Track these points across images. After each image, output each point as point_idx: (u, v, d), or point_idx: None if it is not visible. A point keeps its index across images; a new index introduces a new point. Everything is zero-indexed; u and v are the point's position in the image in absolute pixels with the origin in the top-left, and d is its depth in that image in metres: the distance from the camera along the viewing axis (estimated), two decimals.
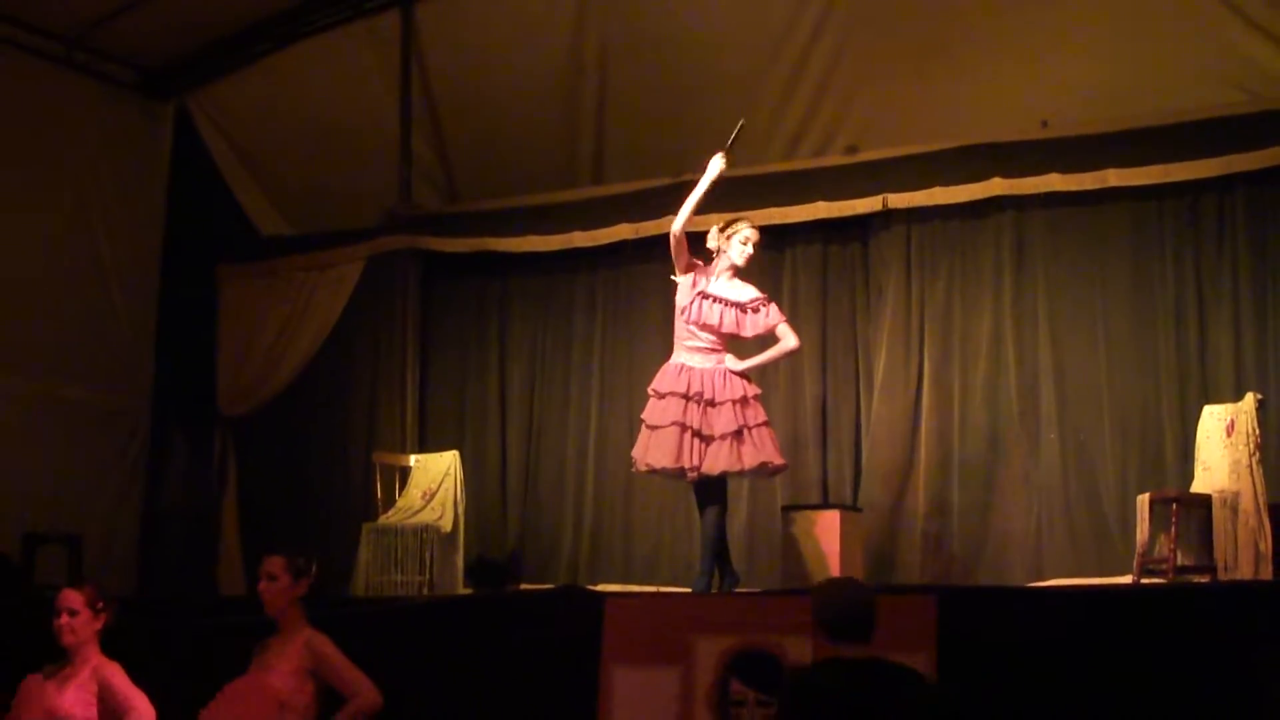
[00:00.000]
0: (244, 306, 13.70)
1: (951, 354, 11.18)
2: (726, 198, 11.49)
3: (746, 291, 9.64)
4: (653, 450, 9.45)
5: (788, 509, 10.47)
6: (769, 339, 9.65)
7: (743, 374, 9.50)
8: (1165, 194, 10.60)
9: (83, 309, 13.17)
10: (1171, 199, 10.62)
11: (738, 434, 9.34)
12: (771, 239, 11.77)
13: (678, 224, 9.54)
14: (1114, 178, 10.62)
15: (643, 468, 9.60)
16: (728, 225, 9.72)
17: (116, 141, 13.56)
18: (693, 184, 9.66)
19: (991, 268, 11.15)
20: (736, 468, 9.37)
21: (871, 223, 11.56)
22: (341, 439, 13.16)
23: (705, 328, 9.50)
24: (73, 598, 7.06)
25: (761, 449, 9.37)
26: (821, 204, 11.53)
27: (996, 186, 10.98)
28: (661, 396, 9.49)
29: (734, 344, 9.63)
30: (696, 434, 9.37)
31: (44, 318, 12.74)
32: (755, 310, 9.58)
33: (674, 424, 9.36)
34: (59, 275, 12.97)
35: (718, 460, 9.32)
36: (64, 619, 7.01)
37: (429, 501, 11.62)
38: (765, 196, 11.63)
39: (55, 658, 7.04)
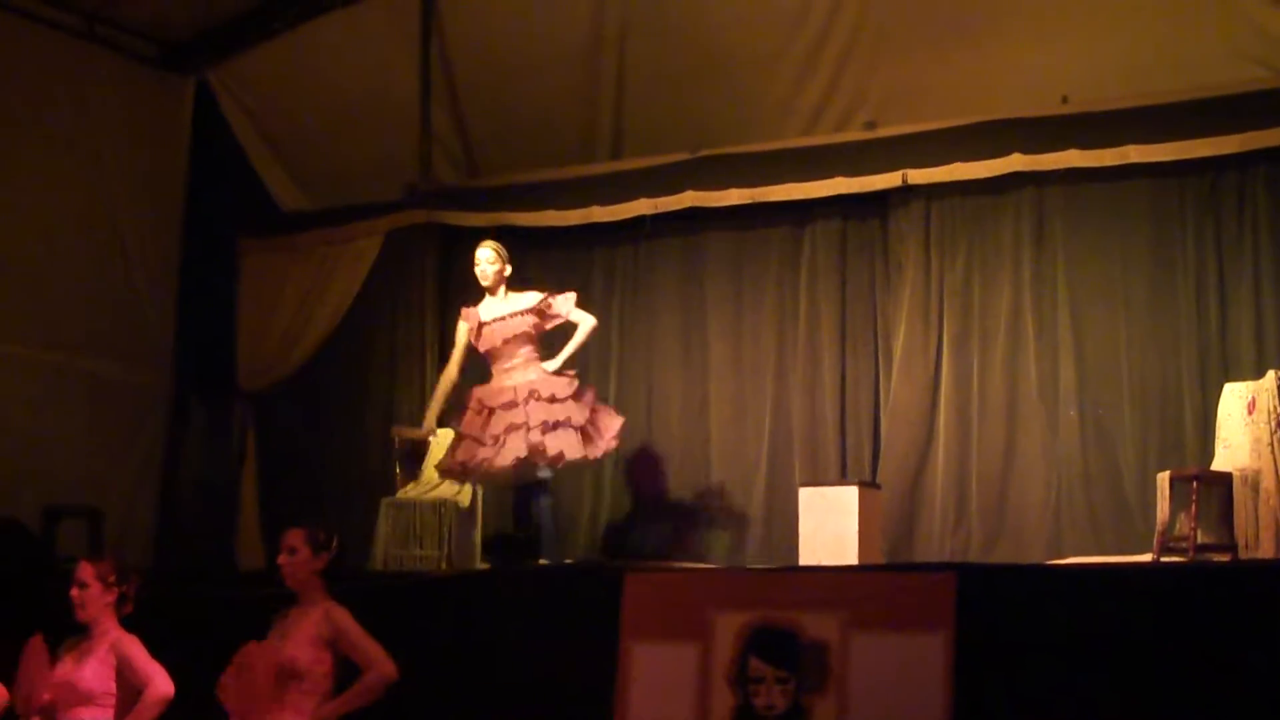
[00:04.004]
0: (264, 281, 13.71)
1: (971, 330, 11.16)
2: (746, 175, 11.54)
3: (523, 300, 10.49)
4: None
5: (806, 485, 10.47)
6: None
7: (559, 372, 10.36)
8: (1186, 170, 10.56)
9: (103, 283, 13.19)
10: (1192, 175, 10.58)
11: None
12: (791, 215, 11.82)
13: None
14: (1134, 153, 10.58)
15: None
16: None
17: (137, 116, 13.55)
18: (709, 159, 9.96)
19: (1011, 244, 11.12)
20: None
21: (891, 198, 11.53)
22: (360, 413, 13.18)
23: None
24: (85, 570, 7.08)
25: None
26: (841, 180, 11.49)
27: (1016, 162, 10.95)
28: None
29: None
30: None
31: (65, 292, 12.77)
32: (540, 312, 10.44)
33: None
34: (80, 249, 13.00)
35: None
36: (74, 591, 7.03)
37: None
38: (784, 172, 11.65)
39: (76, 630, 7.06)
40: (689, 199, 11.94)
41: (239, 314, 13.78)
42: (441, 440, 11.79)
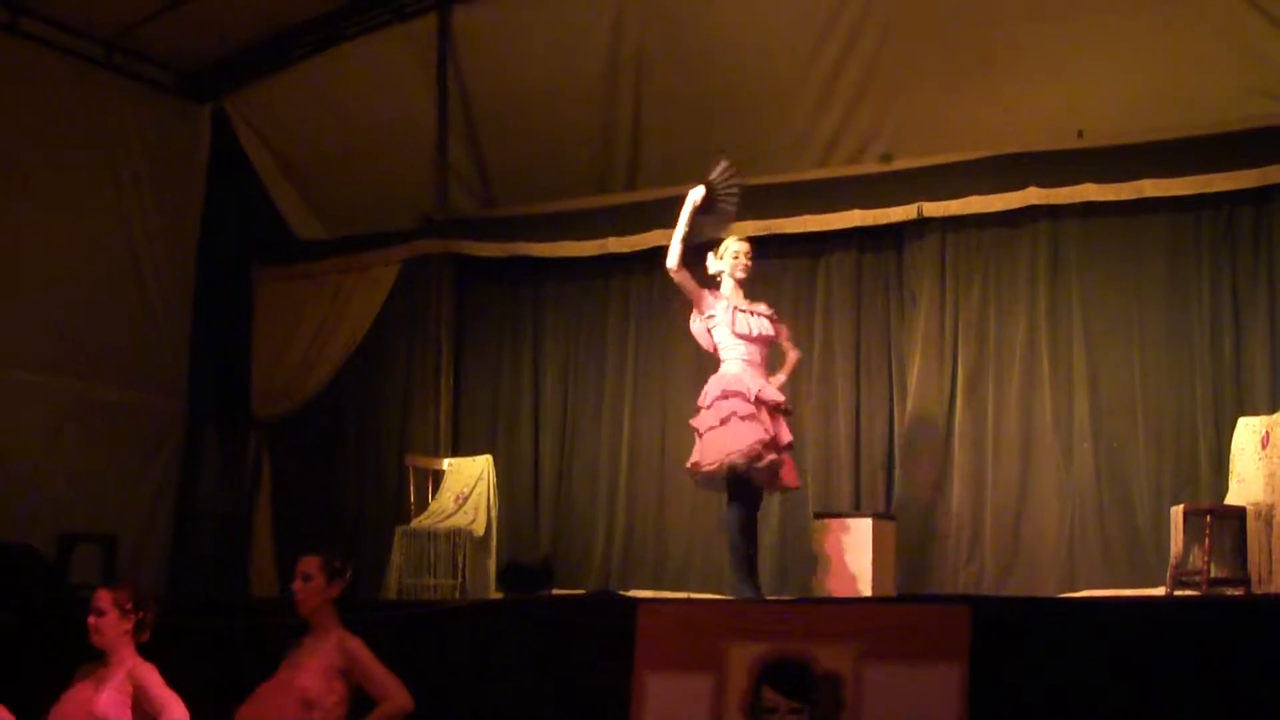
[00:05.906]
0: (279, 309, 13.74)
1: (985, 363, 11.17)
2: (762, 206, 11.53)
3: (758, 305, 9.81)
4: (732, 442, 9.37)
5: (820, 516, 10.49)
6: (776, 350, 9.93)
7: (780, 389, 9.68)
8: (1201, 205, 10.57)
9: (119, 310, 13.23)
10: (1208, 210, 10.58)
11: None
12: (806, 247, 11.84)
13: (672, 260, 9.61)
14: (1150, 188, 10.59)
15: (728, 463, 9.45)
16: (718, 245, 9.85)
17: (154, 143, 13.60)
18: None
19: (1026, 277, 11.13)
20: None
21: (906, 231, 11.54)
22: (375, 442, 13.22)
23: (746, 338, 9.57)
24: (101, 598, 7.09)
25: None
26: (856, 212, 11.52)
27: (1032, 196, 10.96)
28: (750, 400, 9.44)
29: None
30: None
31: (80, 318, 12.80)
32: (774, 320, 9.79)
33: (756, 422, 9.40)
34: (96, 276, 13.04)
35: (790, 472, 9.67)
36: (91, 619, 7.04)
37: (461, 505, 11.63)
38: (800, 204, 11.66)
39: (93, 657, 7.07)
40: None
41: (254, 342, 13.82)
42: (455, 469, 11.84)
